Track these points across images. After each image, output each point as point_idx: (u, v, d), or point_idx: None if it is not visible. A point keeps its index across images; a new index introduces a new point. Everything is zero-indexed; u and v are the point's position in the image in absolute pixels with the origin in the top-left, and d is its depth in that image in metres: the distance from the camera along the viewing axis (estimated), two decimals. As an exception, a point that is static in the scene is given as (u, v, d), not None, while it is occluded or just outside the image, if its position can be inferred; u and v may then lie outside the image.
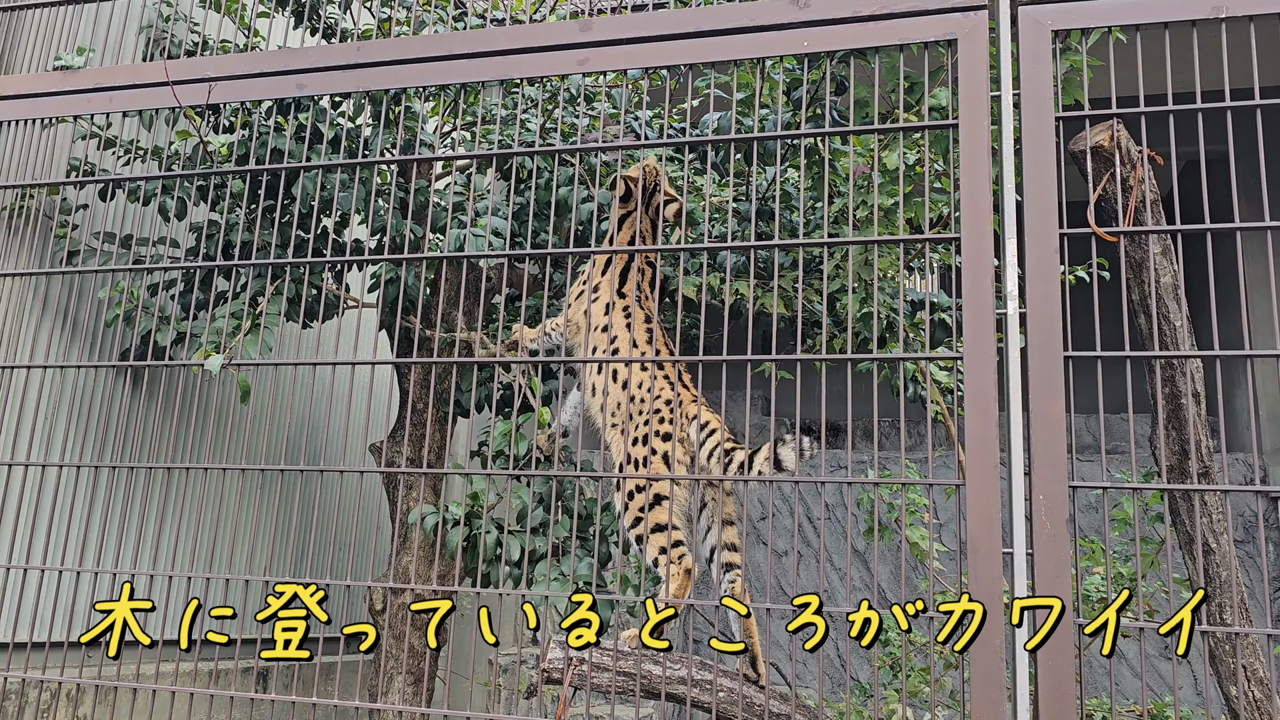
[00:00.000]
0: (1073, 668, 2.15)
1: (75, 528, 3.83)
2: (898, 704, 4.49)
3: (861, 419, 10.63)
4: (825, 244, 2.48)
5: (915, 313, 3.75)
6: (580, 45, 2.83)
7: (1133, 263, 2.80)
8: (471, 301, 4.07)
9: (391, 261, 3.61)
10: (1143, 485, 2.21)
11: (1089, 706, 4.18)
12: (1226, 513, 2.67)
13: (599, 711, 6.22)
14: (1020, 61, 2.44)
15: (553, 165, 3.87)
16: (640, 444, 3.16)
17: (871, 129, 2.55)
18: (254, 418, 4.89)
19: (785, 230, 3.77)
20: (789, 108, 3.43)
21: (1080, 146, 2.68)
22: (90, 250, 3.90)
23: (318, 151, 3.62)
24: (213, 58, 3.17)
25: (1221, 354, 2.22)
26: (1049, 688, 2.13)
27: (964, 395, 2.28)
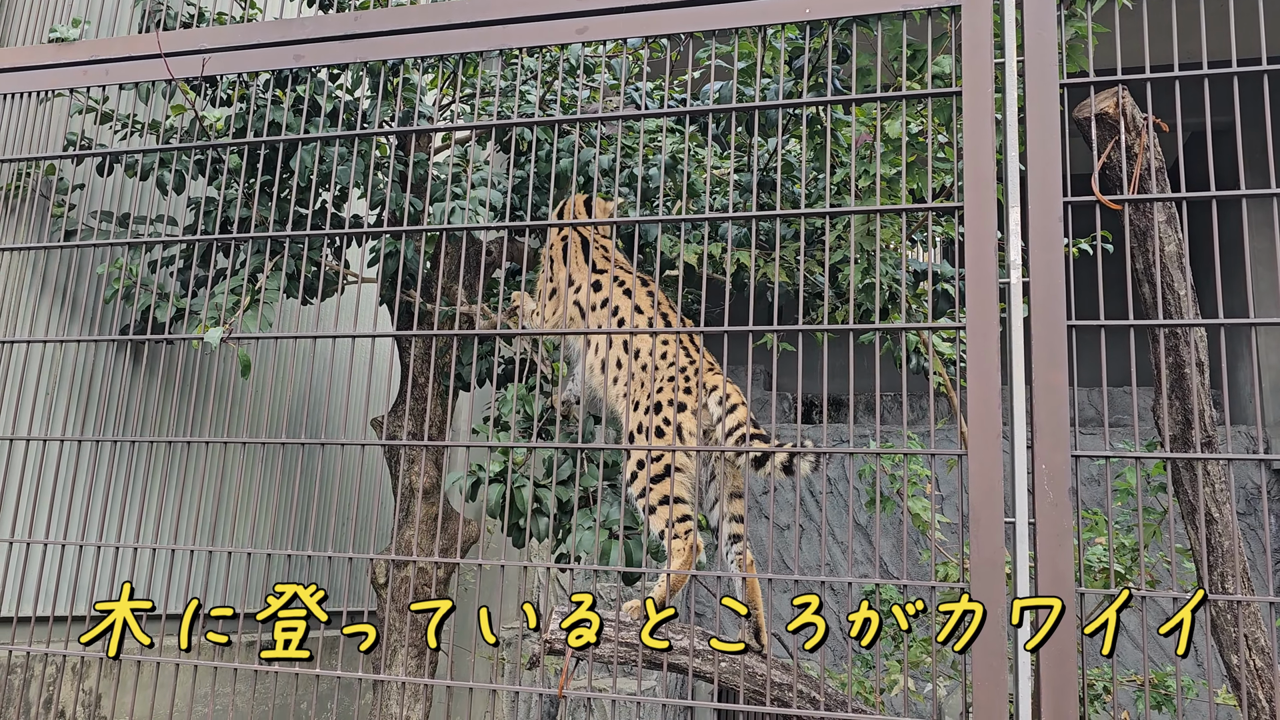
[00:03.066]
0: (1074, 638, 2.15)
1: (78, 502, 3.83)
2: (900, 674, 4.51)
3: (864, 393, 10.63)
4: (827, 214, 2.46)
5: (918, 283, 3.73)
6: (579, 14, 2.80)
7: (1137, 231, 2.78)
8: (472, 275, 4.06)
9: (391, 234, 3.59)
10: (1145, 455, 2.20)
11: (1091, 676, 4.20)
12: (1229, 482, 2.67)
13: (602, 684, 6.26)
14: (1024, 28, 2.41)
15: (552, 137, 3.84)
16: (653, 412, 3.15)
17: (874, 97, 2.52)
18: (255, 394, 4.89)
19: (787, 202, 3.74)
20: (790, 77, 3.40)
21: (1085, 114, 2.66)
22: (88, 229, 3.88)
23: (316, 124, 3.59)
24: (208, 29, 3.14)
25: (1225, 322, 2.21)
26: (1050, 657, 2.14)
27: (966, 365, 2.27)
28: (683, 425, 3.11)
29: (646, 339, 3.25)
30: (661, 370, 3.18)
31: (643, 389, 3.21)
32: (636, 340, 3.28)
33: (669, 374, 3.16)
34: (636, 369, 3.25)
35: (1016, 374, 2.28)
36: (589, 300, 3.44)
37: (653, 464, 3.09)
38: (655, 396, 3.16)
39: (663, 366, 3.19)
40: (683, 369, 3.18)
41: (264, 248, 3.51)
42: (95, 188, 4.16)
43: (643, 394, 3.20)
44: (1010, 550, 2.24)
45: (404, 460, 4.09)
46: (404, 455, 4.08)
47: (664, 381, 3.12)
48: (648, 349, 3.25)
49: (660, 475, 3.10)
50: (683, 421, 3.11)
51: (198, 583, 4.33)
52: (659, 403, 3.15)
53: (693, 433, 3.10)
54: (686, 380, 3.16)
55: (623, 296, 3.33)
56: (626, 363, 3.15)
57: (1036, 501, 2.18)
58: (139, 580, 4.23)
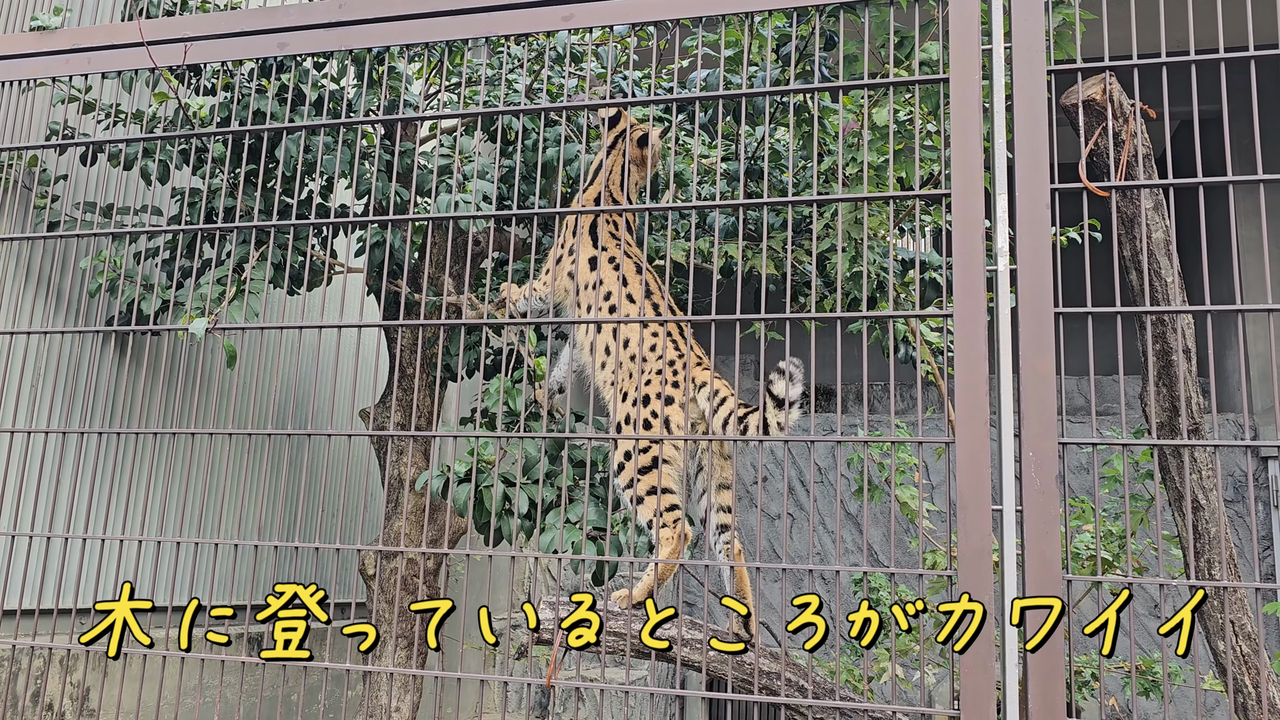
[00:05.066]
0: (1061, 625, 2.15)
1: (64, 494, 3.81)
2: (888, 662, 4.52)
3: (852, 383, 10.64)
4: (814, 201, 2.45)
5: (906, 272, 3.73)
6: (565, 1, 2.79)
7: (1124, 218, 2.78)
8: (460, 266, 4.04)
9: (378, 223, 3.57)
10: (1132, 441, 2.21)
11: (1078, 663, 4.22)
12: (1216, 469, 2.67)
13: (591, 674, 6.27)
14: (1012, 15, 2.41)
15: (539, 126, 3.82)
16: (640, 405, 3.14)
17: (861, 84, 2.51)
18: (242, 385, 4.87)
19: (775, 190, 3.74)
20: (778, 64, 3.39)
21: (1072, 100, 2.65)
22: (71, 220, 3.86)
23: (300, 113, 3.57)
24: (191, 17, 3.11)
25: (1212, 309, 2.21)
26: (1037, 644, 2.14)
27: (954, 353, 2.27)
28: (670, 418, 3.11)
29: (637, 328, 3.24)
30: (650, 363, 3.17)
31: (630, 380, 3.20)
32: (628, 330, 3.27)
33: (657, 367, 3.15)
34: (625, 358, 3.25)
35: (1004, 362, 2.28)
36: (584, 277, 3.41)
37: (640, 455, 3.09)
38: (644, 389, 3.15)
39: (651, 359, 3.19)
40: (671, 363, 3.18)
41: (249, 238, 3.49)
42: (79, 179, 4.13)
43: (630, 385, 3.19)
44: (998, 537, 2.24)
45: (392, 451, 4.07)
46: (392, 446, 4.07)
47: (652, 374, 3.12)
48: (637, 339, 3.25)
49: (648, 467, 3.10)
50: (670, 414, 3.11)
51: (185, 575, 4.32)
52: (647, 395, 3.15)
53: (680, 425, 3.10)
54: (675, 375, 3.16)
55: (616, 282, 3.32)
56: (615, 350, 3.15)
57: (1024, 489, 2.19)
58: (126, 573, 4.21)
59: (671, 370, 3.16)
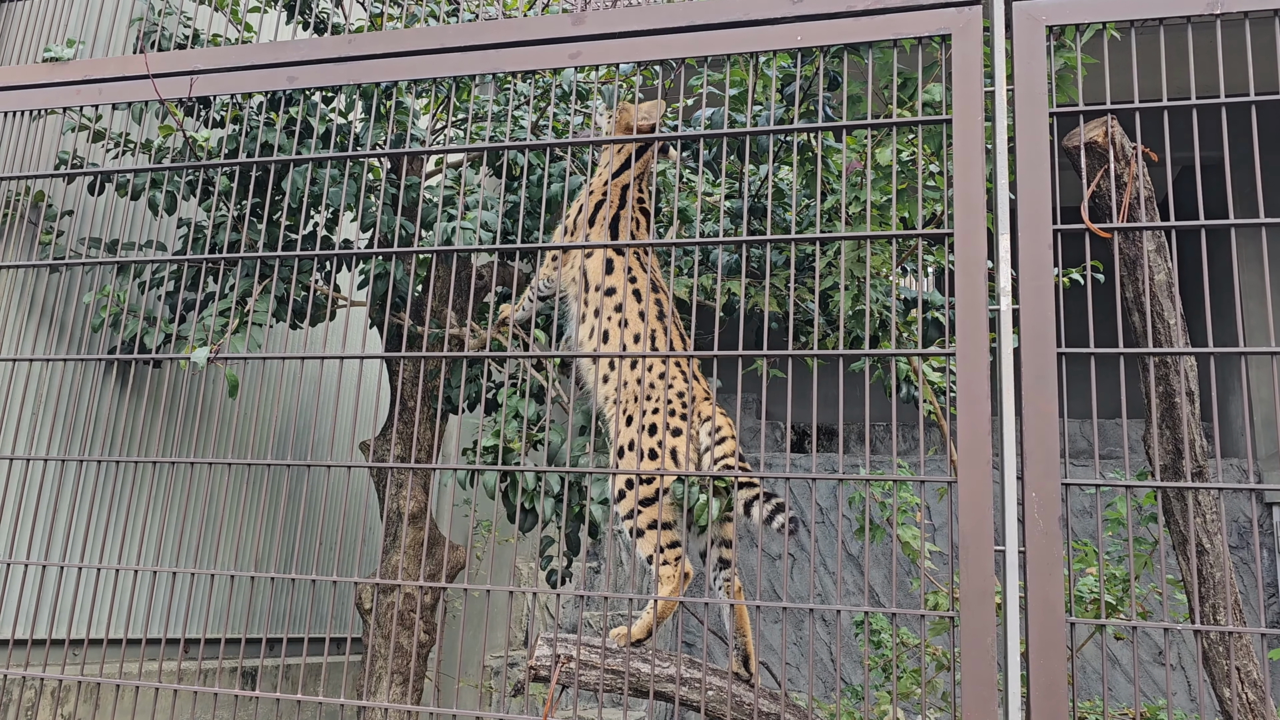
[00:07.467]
0: (1065, 669, 2.13)
1: (61, 523, 3.79)
2: (889, 705, 4.46)
3: (854, 423, 10.62)
4: (818, 239, 2.46)
5: (908, 311, 3.73)
6: (572, 39, 2.82)
7: (1126, 260, 2.79)
8: (463, 299, 4.05)
9: (381, 256, 3.58)
10: (1136, 483, 2.19)
11: (1082, 709, 4.16)
12: (1220, 513, 2.66)
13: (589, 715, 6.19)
14: (1014, 58, 2.43)
15: (544, 161, 3.85)
16: (646, 433, 3.12)
17: (865, 124, 2.53)
18: (242, 417, 4.86)
19: (778, 228, 3.75)
20: (782, 104, 3.42)
21: (1075, 142, 2.67)
22: (76, 255, 3.87)
23: (308, 146, 3.59)
24: (199, 50, 3.14)
25: (1214, 350, 2.21)
26: (1040, 688, 2.11)
27: (956, 393, 2.27)
28: (677, 449, 3.09)
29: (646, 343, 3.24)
30: (658, 388, 3.16)
31: (635, 404, 3.19)
32: (636, 344, 3.26)
33: (666, 396, 3.15)
34: (631, 379, 3.23)
35: (1007, 402, 2.27)
36: (597, 278, 3.38)
37: (643, 486, 3.07)
38: (650, 417, 3.14)
39: (659, 385, 3.18)
40: (679, 394, 3.17)
41: (253, 270, 3.50)
42: (84, 214, 4.15)
43: (635, 409, 3.18)
44: (1000, 579, 2.22)
45: (391, 484, 4.06)
46: (392, 479, 4.05)
47: (659, 403, 3.11)
48: (650, 365, 3.23)
49: (650, 499, 3.08)
50: (676, 446, 3.10)
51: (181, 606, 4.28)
52: (653, 424, 3.13)
53: (688, 458, 3.09)
54: (684, 406, 3.15)
55: (631, 296, 3.29)
56: (620, 367, 3.15)
57: (1027, 530, 2.17)
58: (122, 603, 4.18)
59: (681, 401, 3.15)
